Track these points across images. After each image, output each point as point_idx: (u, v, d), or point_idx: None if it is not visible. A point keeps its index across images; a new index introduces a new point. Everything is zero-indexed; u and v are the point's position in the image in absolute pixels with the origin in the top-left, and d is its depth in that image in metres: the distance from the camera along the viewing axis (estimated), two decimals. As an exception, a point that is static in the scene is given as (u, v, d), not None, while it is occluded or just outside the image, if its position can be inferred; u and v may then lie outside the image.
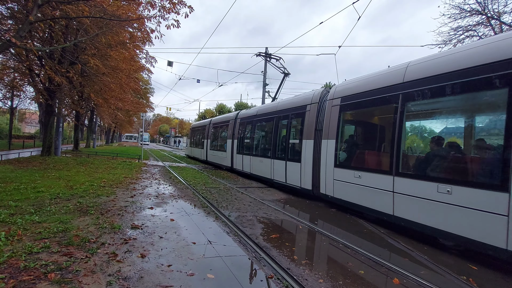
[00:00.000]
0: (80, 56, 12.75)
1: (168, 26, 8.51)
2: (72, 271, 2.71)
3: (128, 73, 15.73)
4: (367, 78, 6.25)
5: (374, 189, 5.36)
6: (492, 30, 11.57)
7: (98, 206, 5.23)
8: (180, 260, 3.19)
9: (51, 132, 14.35)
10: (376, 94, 5.71)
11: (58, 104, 14.52)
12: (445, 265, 3.65)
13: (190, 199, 6.74)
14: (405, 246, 4.35)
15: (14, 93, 18.11)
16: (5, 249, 3.06)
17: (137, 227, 4.25)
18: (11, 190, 5.96)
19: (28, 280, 2.48)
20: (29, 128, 55.62)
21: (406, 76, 5.06)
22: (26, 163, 11.28)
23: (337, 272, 3.28)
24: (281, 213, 6.01)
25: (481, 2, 11.58)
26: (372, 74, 6.18)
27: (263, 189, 9.21)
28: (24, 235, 3.53)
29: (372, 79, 6.00)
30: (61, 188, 6.56)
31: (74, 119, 21.84)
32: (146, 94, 37.02)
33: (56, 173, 8.98)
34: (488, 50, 3.95)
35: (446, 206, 4.10)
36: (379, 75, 5.86)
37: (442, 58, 4.60)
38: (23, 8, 9.35)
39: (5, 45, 7.08)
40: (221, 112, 45.87)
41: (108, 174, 9.61)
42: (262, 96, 18.96)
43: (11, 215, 4.27)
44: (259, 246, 3.83)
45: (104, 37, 10.77)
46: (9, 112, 24.81)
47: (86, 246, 3.33)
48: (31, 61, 11.99)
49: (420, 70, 4.88)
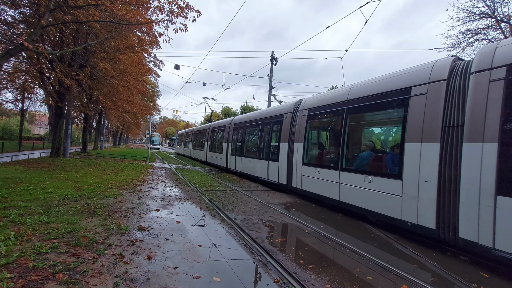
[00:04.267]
0: (89, 59, 12.99)
1: (176, 30, 8.62)
2: (80, 271, 2.74)
3: (136, 76, 15.96)
4: (325, 94, 7.90)
5: (328, 181, 6.84)
6: (502, 33, 11.40)
7: (105, 208, 5.28)
8: (186, 263, 3.19)
9: (60, 133, 14.59)
10: (330, 108, 7.19)
11: (67, 106, 14.77)
12: (455, 272, 3.57)
13: (196, 201, 6.75)
14: (413, 252, 4.27)
15: (25, 95, 18.50)
16: (14, 249, 3.11)
17: (144, 229, 4.27)
18: (21, 191, 6.06)
19: (37, 280, 2.51)
20: (38, 129, 56.71)
21: (350, 95, 6.54)
22: (35, 164, 11.48)
23: (344, 277, 3.24)
24: (287, 216, 5.98)
25: (490, 5, 11.43)
26: (330, 91, 8.22)
27: (268, 192, 9.18)
28: (33, 235, 3.58)
29: (329, 95, 7.57)
30: (70, 189, 6.65)
31: (83, 121, 22.21)
32: (153, 97, 37.43)
33: (64, 174, 9.11)
34: (389, 81, 5.59)
35: (370, 192, 5.57)
36: (333, 92, 7.71)
37: (368, 84, 6.18)
38: (35, 13, 9.59)
39: (17, 49, 7.26)
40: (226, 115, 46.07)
41: (115, 176, 9.70)
42: (268, 99, 19.00)
43: (21, 215, 4.34)
44: (265, 250, 3.81)
45: (113, 41, 10.96)
46: (20, 114, 25.36)
47: (94, 247, 3.36)
48: (42, 64, 12.26)
49: (357, 91, 6.37)
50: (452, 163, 4.30)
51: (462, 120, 4.24)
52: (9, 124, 38.55)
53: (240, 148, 12.82)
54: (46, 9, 7.45)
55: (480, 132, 3.94)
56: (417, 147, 4.76)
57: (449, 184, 4.30)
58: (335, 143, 7.17)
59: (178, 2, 8.34)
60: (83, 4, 8.10)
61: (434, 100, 4.65)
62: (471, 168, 3.98)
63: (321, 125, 8.34)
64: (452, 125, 4.39)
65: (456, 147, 4.27)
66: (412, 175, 4.78)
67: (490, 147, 3.80)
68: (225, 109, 49.49)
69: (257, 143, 11.22)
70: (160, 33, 9.96)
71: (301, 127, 8.15)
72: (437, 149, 4.49)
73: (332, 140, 7.78)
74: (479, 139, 3.94)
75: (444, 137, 4.46)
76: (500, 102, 3.77)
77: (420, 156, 4.70)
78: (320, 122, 8.11)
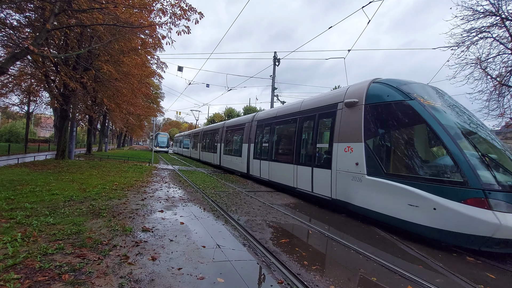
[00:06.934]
0: (94, 62, 13.12)
1: (179, 32, 8.67)
2: (85, 272, 2.76)
3: (140, 79, 16.08)
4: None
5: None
6: (507, 31, 11.28)
7: (110, 209, 5.32)
8: (190, 264, 3.20)
9: (65, 136, 14.74)
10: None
11: (72, 109, 14.93)
12: (461, 273, 3.54)
13: (199, 202, 6.77)
14: (418, 253, 4.23)
15: (30, 98, 18.73)
16: (21, 250, 3.14)
17: (148, 230, 4.30)
18: (27, 193, 6.14)
19: (43, 281, 2.53)
20: (44, 132, 57.32)
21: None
22: (41, 166, 11.61)
23: (348, 278, 3.22)
24: (291, 217, 5.97)
25: (495, 3, 11.31)
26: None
27: (272, 193, 9.17)
28: (39, 236, 3.62)
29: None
30: (75, 191, 6.71)
31: (87, 123, 22.41)
32: (156, 99, 37.67)
33: (69, 176, 9.20)
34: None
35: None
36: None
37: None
38: (40, 17, 9.71)
39: (23, 53, 7.35)
40: (229, 116, 46.10)
41: (120, 178, 9.77)
42: (271, 100, 19.00)
43: (27, 217, 4.39)
44: (268, 251, 3.81)
45: (117, 44, 11.06)
46: (26, 116, 25.67)
47: (99, 248, 3.39)
48: (47, 68, 12.40)
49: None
50: (249, 149, 10.31)
51: (251, 136, 10.27)
52: (15, 127, 39.04)
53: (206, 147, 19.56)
54: (51, 13, 7.55)
55: (253, 140, 11.15)
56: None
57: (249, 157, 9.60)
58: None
59: (180, 4, 8.39)
60: (87, 8, 8.19)
61: (247, 127, 10.28)
62: (252, 151, 10.49)
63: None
64: (250, 137, 10.70)
65: (250, 145, 10.54)
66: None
67: (252, 145, 11.24)
68: (228, 110, 49.59)
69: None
70: (163, 36, 10.05)
71: (254, 132, 11.91)
72: (247, 145, 10.62)
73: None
74: (253, 142, 11.12)
75: (249, 141, 10.66)
76: (255, 131, 10.97)
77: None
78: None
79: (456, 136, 4.73)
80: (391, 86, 5.79)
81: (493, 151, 5.05)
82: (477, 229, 3.99)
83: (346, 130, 6.49)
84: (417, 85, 5.84)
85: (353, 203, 6.05)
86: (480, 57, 11.55)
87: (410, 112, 5.30)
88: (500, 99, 11.58)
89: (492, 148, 5.15)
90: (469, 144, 4.74)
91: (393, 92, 5.65)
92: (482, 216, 3.95)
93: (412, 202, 4.74)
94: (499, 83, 11.46)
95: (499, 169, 4.50)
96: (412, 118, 5.33)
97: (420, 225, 4.63)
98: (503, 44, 11.31)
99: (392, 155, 5.62)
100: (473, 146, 4.69)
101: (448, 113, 5.28)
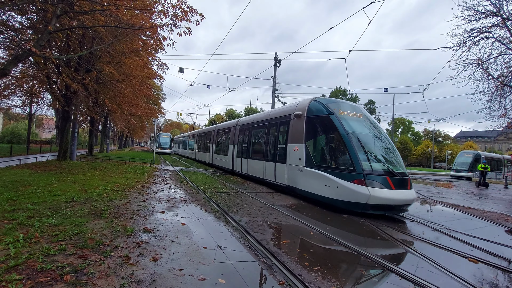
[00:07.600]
0: (95, 63, 13.17)
1: (180, 33, 8.68)
2: (87, 273, 2.77)
3: (141, 80, 16.11)
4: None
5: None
6: (508, 32, 11.25)
7: (111, 210, 5.33)
8: (192, 265, 3.21)
9: (67, 137, 14.79)
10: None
11: (74, 110, 14.96)
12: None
13: (200, 203, 6.78)
14: (422, 255, 4.22)
15: (32, 99, 18.78)
16: (23, 251, 3.16)
17: (149, 231, 4.30)
18: (29, 194, 6.16)
19: (45, 282, 2.54)
20: (46, 133, 57.54)
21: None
22: (43, 167, 11.65)
23: (350, 280, 3.22)
24: (292, 218, 5.96)
25: (496, 4, 11.29)
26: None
27: (273, 194, 9.17)
28: (41, 237, 3.64)
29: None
30: (76, 192, 6.73)
31: (89, 124, 22.46)
32: (157, 100, 37.72)
33: (71, 177, 9.22)
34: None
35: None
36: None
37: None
38: (42, 19, 9.76)
39: (25, 54, 7.38)
40: (230, 117, 46.19)
41: (121, 179, 9.79)
42: (272, 100, 19.01)
43: (29, 218, 4.41)
44: (270, 252, 3.81)
45: (119, 45, 11.09)
46: (28, 118, 25.76)
47: (100, 249, 3.40)
48: (49, 69, 12.44)
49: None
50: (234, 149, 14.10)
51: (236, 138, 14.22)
52: (17, 128, 39.21)
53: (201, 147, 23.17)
54: (53, 15, 7.58)
55: (237, 141, 14.11)
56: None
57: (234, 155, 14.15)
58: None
59: (182, 6, 8.39)
60: (89, 10, 8.22)
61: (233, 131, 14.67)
62: (235, 150, 14.07)
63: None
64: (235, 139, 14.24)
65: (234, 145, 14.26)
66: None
67: (236, 145, 14.21)
68: (229, 111, 49.68)
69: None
70: (164, 37, 10.09)
71: (238, 135, 14.05)
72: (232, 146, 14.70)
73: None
74: (237, 143, 14.15)
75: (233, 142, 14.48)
76: (238, 134, 14.02)
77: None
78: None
79: (353, 139, 7.03)
80: (322, 104, 8.08)
81: (379, 149, 7.36)
82: (359, 197, 6.37)
83: (295, 134, 8.73)
84: (339, 103, 8.19)
85: (298, 187, 8.31)
86: (482, 58, 11.51)
87: (329, 123, 7.59)
88: (501, 100, 11.53)
89: (378, 146, 7.43)
90: (360, 145, 7.01)
91: (322, 108, 7.98)
92: (361, 190, 6.32)
93: (326, 183, 7.12)
94: (501, 83, 11.41)
95: (375, 161, 6.87)
96: (330, 127, 7.56)
97: (331, 198, 7.05)
98: (505, 45, 11.27)
99: (319, 152, 7.96)
100: (362, 146, 6.99)
101: (354, 124, 7.54)
